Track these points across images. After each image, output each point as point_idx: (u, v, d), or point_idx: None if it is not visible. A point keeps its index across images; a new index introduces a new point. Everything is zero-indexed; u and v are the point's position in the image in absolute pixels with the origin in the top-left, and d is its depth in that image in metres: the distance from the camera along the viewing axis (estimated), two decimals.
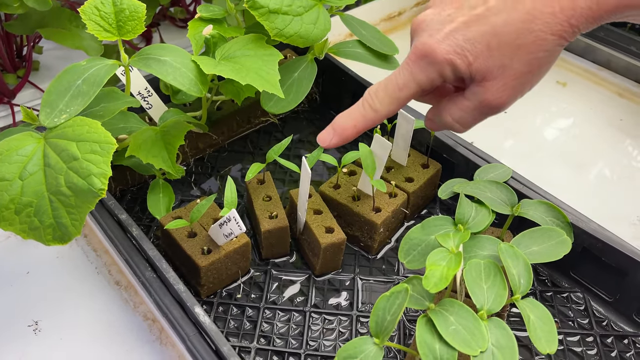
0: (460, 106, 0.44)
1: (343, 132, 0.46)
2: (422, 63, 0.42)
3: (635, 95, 0.83)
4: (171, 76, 0.51)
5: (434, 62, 0.41)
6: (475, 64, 0.41)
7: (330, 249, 0.56)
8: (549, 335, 0.43)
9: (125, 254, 0.52)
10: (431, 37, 0.42)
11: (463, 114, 0.44)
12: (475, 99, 0.43)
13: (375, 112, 0.45)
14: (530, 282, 0.46)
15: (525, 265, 0.47)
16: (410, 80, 0.43)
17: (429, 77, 0.42)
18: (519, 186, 0.57)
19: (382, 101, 0.45)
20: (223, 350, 0.43)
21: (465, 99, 0.43)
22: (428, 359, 0.41)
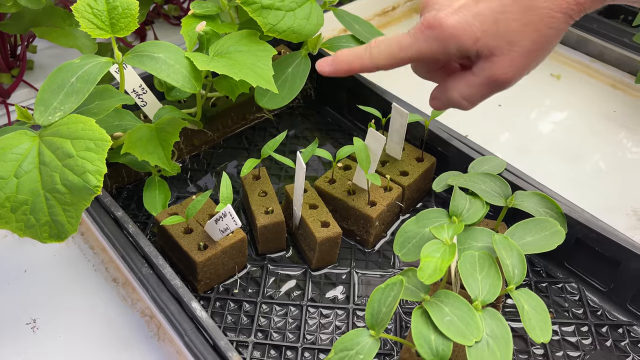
0: (467, 82, 0.45)
1: (338, 65, 0.48)
2: (428, 33, 0.43)
3: (628, 86, 0.83)
4: (165, 73, 0.51)
5: (440, 36, 0.43)
6: (483, 39, 0.42)
7: (326, 243, 0.56)
8: (543, 325, 0.44)
9: (121, 250, 0.52)
10: (439, 12, 0.43)
11: (470, 90, 0.45)
12: (483, 75, 0.43)
13: (372, 60, 0.46)
14: (524, 273, 0.46)
15: (519, 256, 0.47)
16: (413, 45, 0.44)
17: (431, 48, 0.43)
18: (512, 178, 0.58)
19: (381, 53, 0.46)
20: (220, 345, 0.43)
21: (473, 74, 0.44)
22: (423, 349, 0.42)
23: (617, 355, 0.51)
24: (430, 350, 0.42)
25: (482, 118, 0.79)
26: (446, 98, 0.47)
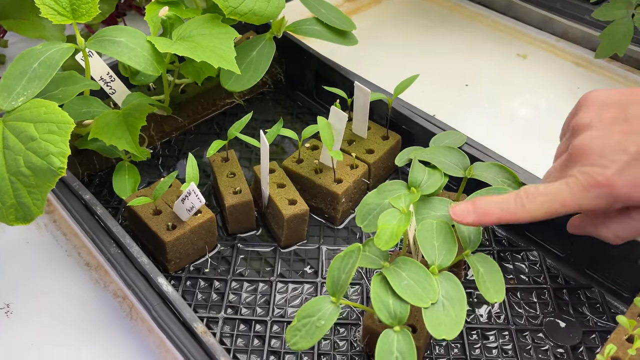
0: (624, 225, 0.44)
1: (484, 217, 0.45)
2: (595, 193, 0.42)
3: (591, 63, 0.85)
4: (126, 56, 0.52)
5: (609, 195, 0.42)
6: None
7: (294, 220, 0.58)
8: (496, 286, 0.45)
9: (90, 233, 0.53)
10: (607, 170, 0.41)
11: (626, 232, 0.45)
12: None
13: (528, 214, 0.44)
14: (479, 239, 0.48)
15: None
16: (575, 202, 0.43)
17: (596, 205, 0.42)
18: (473, 151, 0.59)
19: (539, 208, 0.44)
20: (186, 317, 0.45)
21: (632, 219, 0.44)
22: (382, 313, 0.43)
23: (576, 317, 0.53)
24: (389, 314, 0.43)
25: (449, 98, 0.81)
26: (592, 232, 0.46)
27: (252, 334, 0.52)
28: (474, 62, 0.88)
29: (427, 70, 0.84)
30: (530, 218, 0.44)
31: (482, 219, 0.45)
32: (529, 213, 0.44)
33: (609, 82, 0.83)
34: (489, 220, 0.45)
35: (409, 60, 0.87)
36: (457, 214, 0.46)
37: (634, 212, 0.44)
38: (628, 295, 0.53)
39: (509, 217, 0.45)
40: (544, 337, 0.52)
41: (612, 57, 0.85)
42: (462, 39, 0.92)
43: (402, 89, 0.62)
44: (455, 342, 0.52)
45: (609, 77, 0.84)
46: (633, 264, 0.51)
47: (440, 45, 0.91)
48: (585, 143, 0.43)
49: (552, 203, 0.43)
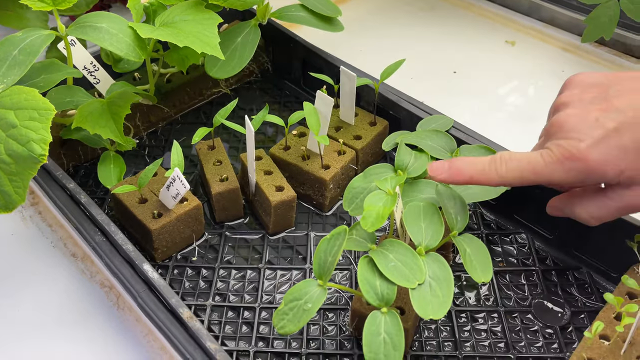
0: (600, 204, 0.44)
1: (456, 175, 0.45)
2: (568, 164, 0.42)
3: (579, 49, 0.85)
4: (108, 42, 0.51)
5: (582, 168, 0.41)
6: (627, 171, 0.41)
7: (281, 207, 0.57)
8: (483, 266, 0.45)
9: (75, 222, 0.53)
10: (581, 142, 0.41)
11: (602, 212, 0.44)
12: (621, 201, 0.43)
13: (499, 177, 0.44)
14: (466, 220, 0.48)
15: (462, 204, 0.49)
16: (547, 173, 0.43)
17: (568, 179, 0.42)
18: (460, 135, 0.59)
19: (510, 171, 0.44)
20: (171, 302, 0.44)
21: (608, 198, 0.43)
22: (369, 294, 0.43)
23: (565, 298, 0.53)
24: (376, 295, 0.43)
25: (438, 85, 0.81)
26: (571, 212, 0.46)
27: (241, 320, 0.52)
28: (462, 49, 0.87)
29: (416, 57, 0.84)
30: (501, 181, 0.44)
31: (455, 177, 0.45)
32: (500, 176, 0.44)
33: (596, 67, 0.83)
34: (461, 179, 0.45)
35: (397, 48, 0.87)
36: (433, 170, 0.46)
37: (610, 192, 0.43)
38: (616, 275, 0.53)
39: (481, 178, 0.45)
40: (533, 318, 0.52)
41: (600, 42, 0.85)
42: (451, 27, 0.92)
43: (388, 73, 0.62)
44: (444, 324, 0.51)
45: (596, 62, 0.84)
46: (620, 244, 0.50)
47: (429, 33, 0.91)
48: (563, 119, 0.43)
49: (524, 170, 0.43)
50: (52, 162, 0.57)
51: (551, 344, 0.50)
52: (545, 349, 0.50)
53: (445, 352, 0.49)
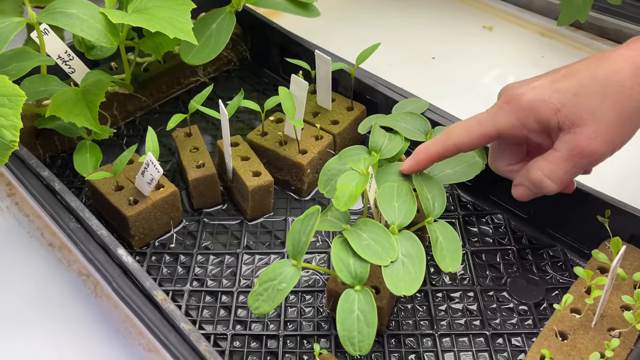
0: (549, 159, 0.44)
1: (417, 155, 0.48)
2: (506, 107, 0.44)
3: (556, 33, 0.86)
4: (79, 28, 0.51)
5: (518, 108, 0.43)
6: (563, 110, 0.42)
7: (258, 192, 0.57)
8: (453, 255, 0.46)
9: (50, 209, 0.52)
10: (519, 89, 0.44)
11: (553, 167, 0.43)
12: (565, 148, 0.42)
13: (448, 134, 0.47)
14: (443, 206, 0.48)
15: (439, 189, 0.49)
16: (489, 119, 0.45)
17: (509, 122, 0.44)
18: (435, 117, 0.59)
19: (457, 130, 0.46)
20: (145, 285, 0.44)
21: (555, 150, 0.43)
22: (343, 273, 0.43)
23: (539, 275, 0.54)
24: (350, 274, 0.43)
25: (416, 71, 0.81)
26: (528, 180, 0.45)
27: (219, 305, 0.52)
28: (440, 35, 0.88)
29: (395, 44, 0.84)
30: (454, 145, 0.47)
31: (415, 157, 0.49)
32: (452, 140, 0.47)
33: (573, 51, 0.83)
34: (422, 158, 0.48)
35: (375, 35, 0.87)
36: (403, 167, 0.50)
37: (557, 143, 0.43)
38: (588, 251, 0.53)
39: (437, 149, 0.48)
40: (509, 296, 0.52)
41: (576, 26, 0.86)
42: (428, 13, 0.92)
43: (364, 57, 0.62)
44: (420, 304, 0.52)
45: (573, 45, 0.85)
46: (591, 220, 0.51)
47: (407, 19, 0.91)
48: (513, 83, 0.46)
49: (470, 125, 0.46)
50: (26, 152, 0.57)
51: (525, 320, 0.50)
52: (520, 325, 0.50)
53: (422, 330, 0.50)
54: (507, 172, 0.49)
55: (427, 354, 0.48)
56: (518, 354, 0.48)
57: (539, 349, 0.43)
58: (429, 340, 0.49)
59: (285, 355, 0.48)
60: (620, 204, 0.50)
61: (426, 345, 0.49)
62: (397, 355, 0.48)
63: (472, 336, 0.49)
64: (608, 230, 0.50)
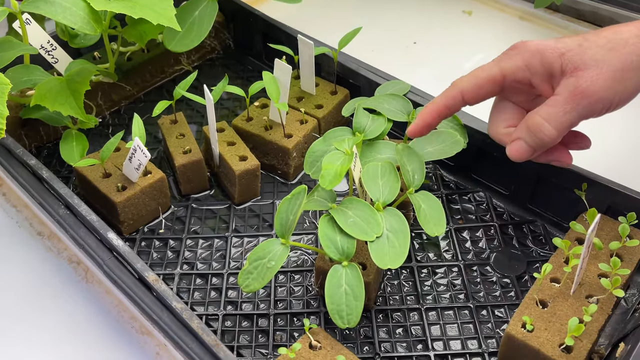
0: (549, 103, 0.43)
1: (423, 115, 0.48)
2: (511, 52, 0.45)
3: (534, 16, 0.88)
4: (61, 15, 0.51)
5: (524, 51, 0.44)
6: (568, 54, 0.43)
7: (245, 176, 0.58)
8: (437, 221, 0.47)
9: (38, 197, 0.53)
10: (526, 42, 0.46)
11: (552, 109, 0.43)
12: (567, 90, 0.43)
13: (453, 85, 0.47)
14: (422, 177, 0.50)
15: (419, 162, 0.50)
16: (494, 64, 0.46)
17: (515, 63, 0.45)
18: (417, 98, 0.61)
19: (462, 79, 0.47)
20: (136, 267, 0.45)
21: (556, 94, 0.43)
22: (330, 249, 0.44)
23: (521, 250, 0.55)
24: (337, 250, 0.44)
25: (399, 56, 0.82)
26: (527, 129, 0.44)
27: (209, 287, 0.53)
28: (421, 20, 0.89)
29: (376, 29, 0.85)
30: (460, 94, 0.47)
31: (426, 118, 0.48)
32: (457, 88, 0.47)
33: (551, 34, 0.85)
34: (427, 114, 0.48)
35: (357, 23, 0.88)
36: (410, 131, 0.50)
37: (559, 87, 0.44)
38: (567, 225, 0.55)
39: (443, 101, 0.48)
40: (491, 269, 0.54)
41: (554, 9, 0.87)
42: None
43: (346, 41, 0.63)
44: (406, 280, 0.53)
45: (551, 28, 0.86)
46: (569, 194, 0.53)
47: (388, 5, 0.92)
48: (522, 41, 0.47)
49: (474, 72, 0.47)
50: (12, 141, 0.57)
51: (508, 292, 0.52)
52: (503, 297, 0.52)
53: (408, 305, 0.51)
54: (504, 134, 0.48)
55: (414, 328, 0.50)
56: (501, 324, 0.50)
57: (520, 316, 0.44)
58: (416, 314, 0.51)
59: (276, 332, 0.50)
60: (596, 177, 0.52)
61: (413, 319, 0.50)
62: (385, 329, 0.50)
63: (457, 309, 0.51)
64: (585, 203, 0.52)
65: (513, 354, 0.45)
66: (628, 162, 0.64)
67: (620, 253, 0.49)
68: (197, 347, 0.42)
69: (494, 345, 0.48)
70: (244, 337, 0.49)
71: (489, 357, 0.47)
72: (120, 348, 0.49)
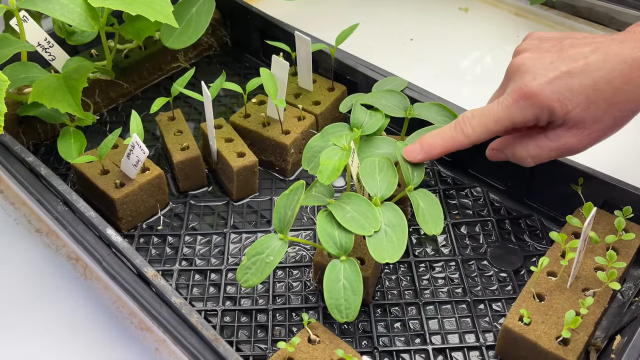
0: (539, 144, 0.47)
1: (430, 150, 0.49)
2: (523, 104, 0.45)
3: (530, 12, 0.88)
4: (59, 12, 0.51)
5: (535, 105, 0.44)
6: (573, 113, 0.44)
7: (243, 172, 0.58)
8: (435, 219, 0.47)
9: (37, 194, 0.53)
10: (535, 80, 0.44)
11: (540, 152, 0.47)
12: (559, 142, 0.46)
13: (467, 137, 0.48)
14: (422, 175, 0.50)
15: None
16: (507, 117, 0.46)
17: (525, 117, 0.45)
18: (414, 94, 0.61)
19: (475, 129, 0.47)
20: (135, 263, 0.45)
21: (548, 139, 0.46)
22: (328, 244, 0.45)
23: (518, 244, 0.56)
24: (335, 245, 0.45)
25: (396, 52, 0.82)
26: (511, 154, 0.49)
27: (208, 282, 0.53)
28: (417, 17, 0.89)
29: (373, 27, 0.85)
30: (469, 142, 0.48)
31: (430, 153, 0.49)
32: (467, 137, 0.48)
33: (547, 30, 0.85)
34: (435, 153, 0.49)
35: (353, 19, 0.88)
36: (407, 154, 0.49)
37: (551, 133, 0.47)
38: (564, 219, 0.55)
39: (452, 145, 0.48)
40: (489, 264, 0.54)
41: (549, 5, 0.88)
42: None
43: (343, 37, 0.63)
44: (404, 275, 0.54)
45: (547, 24, 0.87)
46: (566, 188, 0.53)
47: (385, 2, 0.92)
48: (521, 61, 0.46)
49: (487, 122, 0.47)
50: (10, 138, 0.57)
51: (505, 286, 0.53)
52: (500, 291, 0.52)
53: (406, 299, 0.52)
54: None
55: (412, 322, 0.50)
56: (499, 318, 0.50)
57: (517, 310, 0.45)
58: (414, 308, 0.51)
59: (274, 328, 0.50)
60: (592, 171, 0.52)
61: (411, 314, 0.51)
62: (383, 324, 0.50)
63: (454, 303, 0.51)
64: (582, 197, 0.52)
65: (510, 347, 0.45)
66: (624, 157, 0.64)
67: (616, 246, 0.49)
68: (196, 341, 0.43)
69: (492, 338, 0.49)
70: (242, 332, 0.50)
71: (487, 350, 0.48)
72: (119, 344, 0.49)
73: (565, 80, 0.44)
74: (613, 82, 0.43)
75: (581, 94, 0.44)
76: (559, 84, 0.44)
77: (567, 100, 0.44)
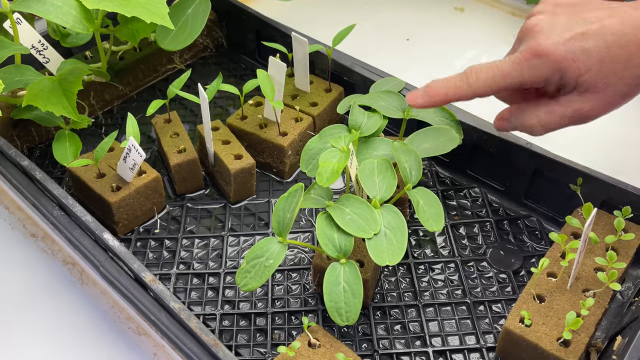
0: (550, 110, 0.44)
1: (433, 96, 0.47)
2: (535, 62, 0.43)
3: (525, 12, 0.88)
4: (53, 14, 0.50)
5: (547, 64, 0.42)
6: (585, 75, 0.42)
7: (241, 175, 0.58)
8: (436, 217, 0.47)
9: (32, 199, 0.52)
10: (548, 39, 0.42)
11: (551, 118, 0.45)
12: (571, 107, 0.44)
13: (470, 87, 0.45)
14: (419, 174, 0.50)
15: (416, 159, 0.50)
16: (517, 73, 0.43)
17: (535, 76, 0.43)
18: None
19: (480, 80, 0.45)
20: (133, 267, 0.45)
21: (559, 105, 0.44)
22: (328, 247, 0.44)
23: (517, 245, 0.56)
24: (334, 248, 0.44)
25: (392, 52, 0.82)
26: (521, 122, 0.46)
27: (206, 286, 0.53)
28: (413, 17, 0.89)
29: (369, 27, 0.85)
30: (473, 93, 0.45)
31: (432, 99, 0.47)
32: (472, 88, 0.45)
33: None
34: (438, 99, 0.47)
35: (349, 19, 0.88)
36: (410, 98, 0.48)
37: (562, 98, 0.44)
38: (563, 220, 0.55)
39: (455, 94, 0.46)
40: (488, 265, 0.54)
41: None
42: None
43: (340, 38, 0.63)
44: (404, 276, 0.53)
45: None
46: (565, 188, 0.53)
47: (380, 2, 0.92)
48: (534, 22, 0.45)
49: (495, 75, 0.44)
50: (5, 142, 0.57)
51: (505, 287, 0.52)
52: (500, 292, 0.52)
53: (406, 301, 0.51)
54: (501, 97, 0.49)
55: (412, 324, 0.50)
56: (499, 320, 0.50)
57: (518, 311, 0.45)
58: (414, 310, 0.51)
59: (274, 331, 0.49)
60: (591, 171, 0.52)
61: (411, 316, 0.50)
62: (383, 326, 0.50)
63: (454, 305, 0.51)
64: (580, 197, 0.52)
65: (511, 349, 0.45)
66: (622, 157, 0.64)
67: (616, 247, 0.49)
68: (195, 347, 0.42)
69: (492, 340, 0.48)
70: (241, 336, 0.49)
71: (487, 352, 0.48)
72: (117, 349, 0.49)
73: (580, 41, 0.42)
74: (627, 46, 0.42)
75: (595, 57, 0.42)
76: (573, 45, 0.42)
77: (581, 62, 0.42)
